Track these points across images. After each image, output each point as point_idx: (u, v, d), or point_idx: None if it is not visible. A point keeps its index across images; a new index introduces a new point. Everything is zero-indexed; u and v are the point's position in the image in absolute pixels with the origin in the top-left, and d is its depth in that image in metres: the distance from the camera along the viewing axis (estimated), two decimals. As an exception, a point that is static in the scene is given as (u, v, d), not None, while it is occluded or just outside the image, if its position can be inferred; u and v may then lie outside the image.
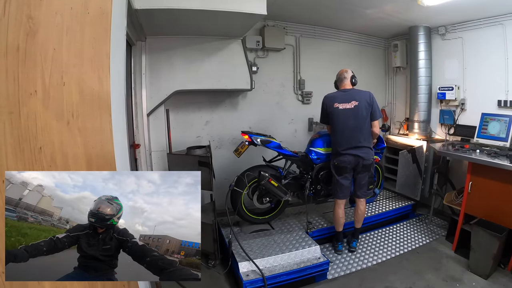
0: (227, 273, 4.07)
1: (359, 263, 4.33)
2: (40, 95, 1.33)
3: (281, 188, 4.44)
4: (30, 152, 1.29)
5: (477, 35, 5.35)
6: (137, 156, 4.51)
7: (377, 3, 4.84)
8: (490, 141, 4.79)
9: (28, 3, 1.27)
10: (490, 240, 3.86)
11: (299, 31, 6.07)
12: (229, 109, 5.71)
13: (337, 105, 4.23)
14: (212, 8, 3.56)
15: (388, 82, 7.25)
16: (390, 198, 6.12)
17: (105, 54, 1.89)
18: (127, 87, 4.14)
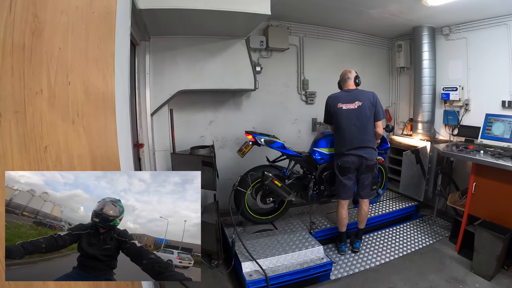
0: (230, 273, 4.07)
1: (362, 264, 4.33)
2: (46, 94, 1.33)
3: (284, 188, 4.44)
4: (35, 152, 1.29)
5: (481, 35, 5.34)
6: (140, 156, 4.52)
7: (381, 4, 4.84)
8: (494, 142, 4.77)
9: (34, 2, 1.26)
10: (494, 241, 3.85)
11: (302, 31, 6.08)
12: (233, 109, 5.72)
13: (341, 105, 4.22)
14: (216, 8, 3.56)
15: (392, 83, 7.24)
16: (393, 198, 6.11)
17: (110, 54, 1.90)
18: (131, 86, 4.16)
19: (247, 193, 4.49)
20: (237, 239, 4.08)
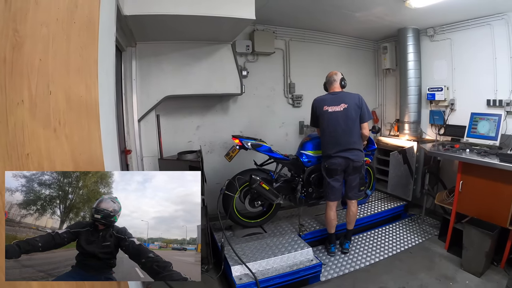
0: (220, 277, 4.06)
1: (352, 265, 4.34)
2: (27, 105, 1.35)
3: (272, 191, 4.45)
4: (17, 159, 1.31)
5: (465, 36, 5.41)
6: (128, 162, 4.50)
7: (366, 6, 4.88)
8: (480, 140, 4.82)
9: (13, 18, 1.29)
10: (482, 238, 3.89)
11: (288, 35, 6.11)
12: (220, 113, 5.72)
13: (327, 108, 4.25)
14: (201, 14, 3.56)
15: (378, 84, 7.32)
16: (382, 199, 6.15)
17: (92, 62, 1.90)
18: (118, 93, 4.15)
19: (235, 197, 4.49)
20: (226, 243, 4.08)
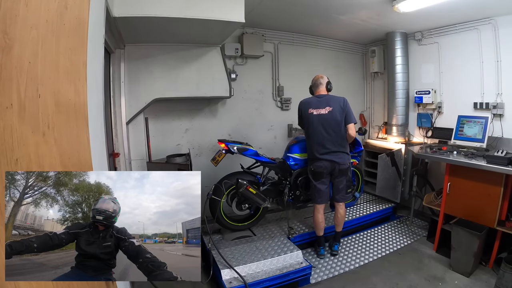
0: (210, 282, 4.02)
1: (341, 267, 4.35)
2: (16, 108, 1.32)
3: (259, 195, 4.44)
4: (6, 164, 1.29)
5: (453, 40, 5.48)
6: (116, 165, 4.46)
7: (351, 10, 4.89)
8: (467, 142, 4.87)
9: (3, 20, 1.26)
10: (470, 238, 3.93)
11: (277, 38, 6.13)
12: (209, 116, 5.71)
13: (312, 110, 4.27)
14: (191, 16, 3.56)
15: (366, 87, 7.37)
16: (370, 201, 6.17)
17: (81, 64, 1.88)
18: (106, 95, 4.11)
19: (222, 201, 4.48)
20: (213, 248, 4.07)
